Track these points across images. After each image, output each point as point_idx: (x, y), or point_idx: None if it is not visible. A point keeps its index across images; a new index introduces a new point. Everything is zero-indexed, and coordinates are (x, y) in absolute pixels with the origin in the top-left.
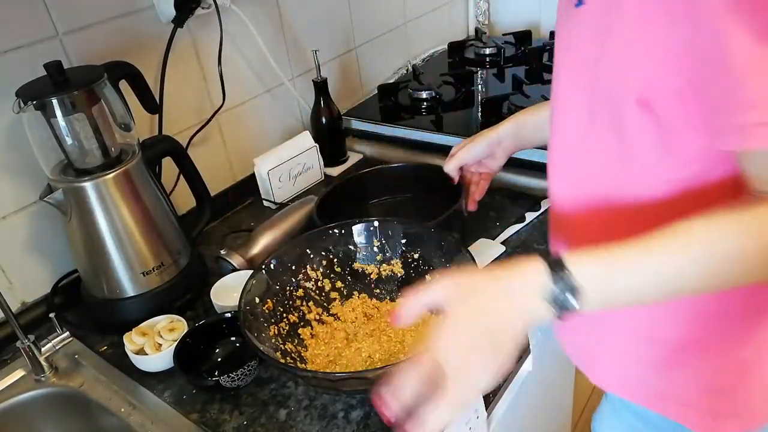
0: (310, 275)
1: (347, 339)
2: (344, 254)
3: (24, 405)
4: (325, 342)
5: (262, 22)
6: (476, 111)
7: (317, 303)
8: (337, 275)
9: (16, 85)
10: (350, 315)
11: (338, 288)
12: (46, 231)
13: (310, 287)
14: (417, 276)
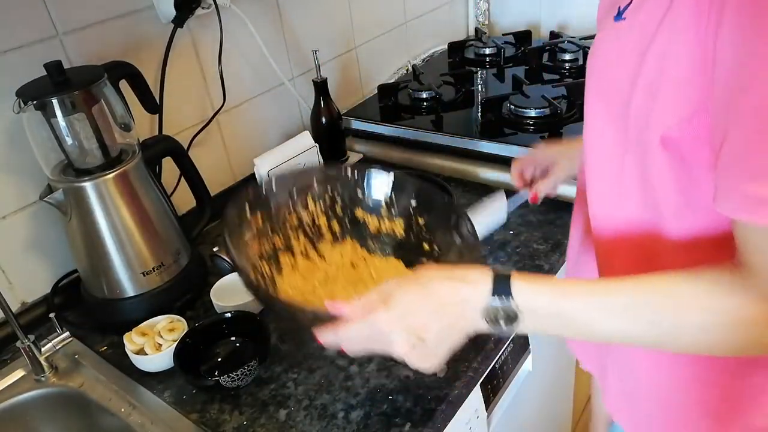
0: (309, 206)
1: (326, 280)
2: (350, 198)
3: (24, 405)
4: (303, 277)
5: (262, 22)
6: (476, 111)
7: (307, 236)
8: (336, 216)
9: (16, 85)
10: (337, 259)
11: (333, 230)
12: (46, 231)
13: (306, 219)
14: (416, 241)
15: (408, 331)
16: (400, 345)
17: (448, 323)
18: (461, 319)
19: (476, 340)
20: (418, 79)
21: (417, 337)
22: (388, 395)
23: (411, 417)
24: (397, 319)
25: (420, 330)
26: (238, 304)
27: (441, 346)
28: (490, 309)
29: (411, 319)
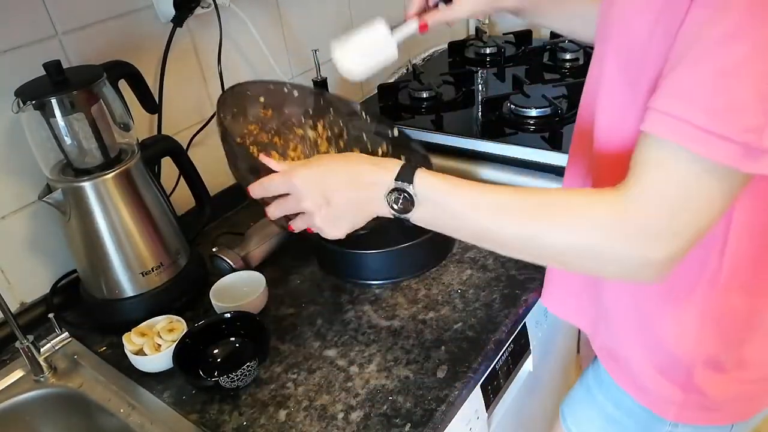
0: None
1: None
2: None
3: (23, 405)
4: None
5: (262, 22)
6: (476, 111)
7: (304, 153)
8: (337, 148)
9: (15, 84)
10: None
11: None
12: (45, 231)
13: (310, 136)
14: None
15: (319, 192)
16: (309, 202)
17: (356, 197)
18: (368, 198)
19: (476, 340)
20: (418, 79)
21: (325, 199)
22: (388, 396)
23: (411, 418)
24: (312, 179)
25: (329, 193)
26: (237, 304)
27: (345, 217)
28: (392, 192)
29: (325, 181)
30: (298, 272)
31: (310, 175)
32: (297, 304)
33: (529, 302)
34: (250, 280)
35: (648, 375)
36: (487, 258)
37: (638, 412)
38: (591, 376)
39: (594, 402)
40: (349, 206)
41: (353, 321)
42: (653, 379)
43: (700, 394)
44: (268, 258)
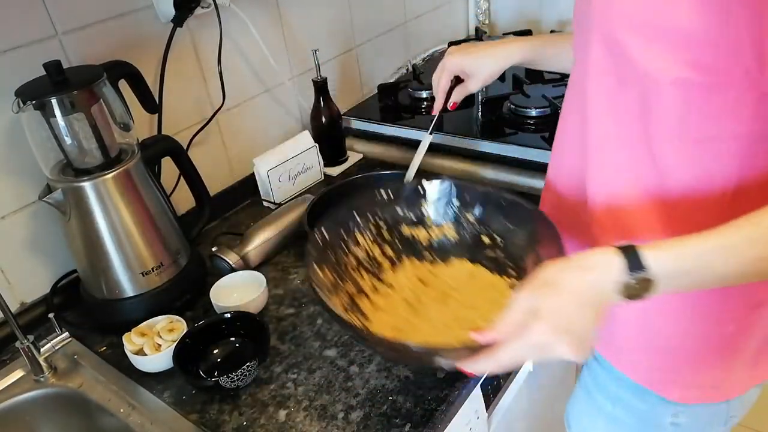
0: (360, 242)
1: (411, 307)
2: (392, 219)
3: (23, 405)
4: (388, 313)
5: (262, 22)
6: (476, 111)
7: (369, 272)
8: (386, 241)
9: (15, 84)
10: (404, 282)
11: (388, 255)
12: (45, 231)
13: (361, 255)
14: (472, 237)
15: (561, 333)
16: (559, 347)
17: (590, 311)
18: (600, 302)
19: None
20: (418, 79)
21: (568, 334)
22: (388, 396)
23: (411, 417)
24: (551, 326)
25: (569, 326)
26: (237, 304)
27: (589, 332)
28: (627, 285)
29: (559, 320)
30: (298, 272)
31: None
32: (297, 304)
33: None
34: (250, 280)
35: (653, 358)
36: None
37: (638, 406)
38: (588, 378)
39: (594, 404)
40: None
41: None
42: (666, 364)
43: (707, 372)
44: (268, 258)
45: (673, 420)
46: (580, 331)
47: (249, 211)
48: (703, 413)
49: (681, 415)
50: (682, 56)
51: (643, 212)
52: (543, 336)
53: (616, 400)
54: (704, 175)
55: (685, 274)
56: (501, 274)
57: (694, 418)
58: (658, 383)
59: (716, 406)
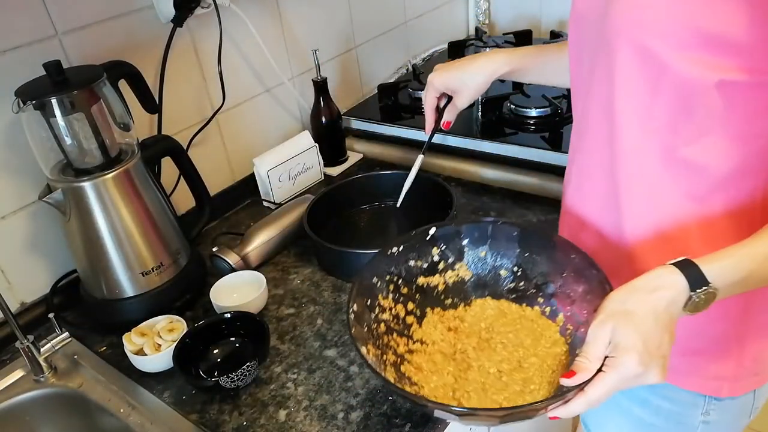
0: (383, 305)
1: (453, 361)
2: (407, 273)
3: (23, 405)
4: (434, 373)
5: (262, 22)
6: (476, 111)
7: (400, 334)
8: (406, 297)
9: (15, 84)
10: (435, 334)
11: (411, 311)
12: (45, 231)
13: (388, 317)
14: (490, 274)
15: (652, 358)
16: (652, 374)
17: (667, 331)
18: (672, 321)
19: None
20: (418, 79)
21: (658, 358)
22: (388, 396)
23: (411, 418)
24: (640, 355)
25: (657, 350)
26: (237, 304)
27: (669, 352)
28: (693, 301)
29: (646, 347)
30: (298, 272)
31: (641, 356)
32: (297, 304)
33: None
34: (250, 280)
35: (699, 360)
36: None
37: (668, 407)
38: None
39: (618, 408)
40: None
41: None
42: (705, 361)
43: (752, 360)
44: (268, 258)
45: (703, 418)
46: (666, 353)
47: (249, 211)
48: (732, 407)
49: (712, 413)
50: (727, 60)
51: (687, 225)
52: (636, 367)
53: (643, 402)
54: (742, 172)
55: (742, 281)
56: (530, 305)
57: (724, 412)
58: (691, 381)
59: (744, 398)
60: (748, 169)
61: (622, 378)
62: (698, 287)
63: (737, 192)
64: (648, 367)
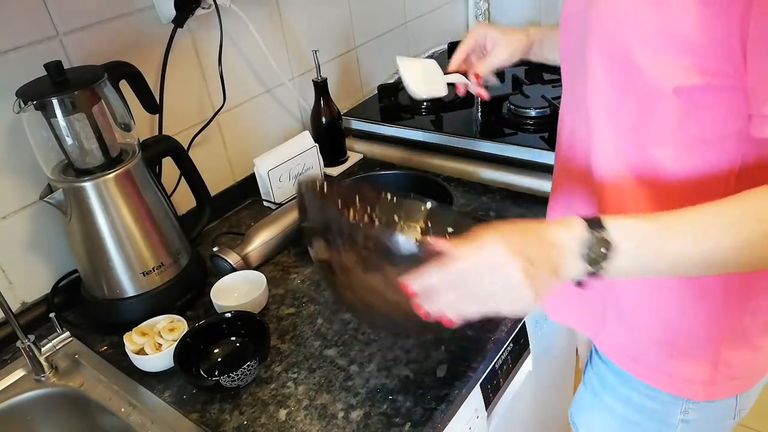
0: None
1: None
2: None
3: (24, 405)
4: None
5: (262, 22)
6: (476, 111)
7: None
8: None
9: (16, 85)
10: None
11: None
12: (46, 231)
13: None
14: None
15: (523, 255)
16: (517, 268)
17: (548, 258)
18: (558, 258)
19: (476, 340)
20: None
21: (529, 261)
22: (388, 395)
23: (411, 417)
24: (511, 244)
25: (532, 256)
26: (238, 304)
27: (547, 281)
28: (587, 243)
29: (522, 246)
30: (298, 272)
31: (506, 243)
32: (297, 304)
33: None
34: (250, 279)
35: (674, 361)
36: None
37: (650, 405)
38: (594, 379)
39: (603, 406)
40: (546, 267)
41: (353, 320)
42: (681, 363)
43: (726, 365)
44: (268, 258)
45: (683, 417)
46: (540, 267)
47: (249, 211)
48: (712, 408)
49: (691, 412)
50: (686, 62)
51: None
52: (500, 256)
53: (627, 401)
54: (707, 172)
55: (646, 245)
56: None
57: (704, 413)
58: (668, 382)
59: (726, 400)
60: (712, 175)
61: (483, 263)
62: (594, 228)
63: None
64: (513, 263)
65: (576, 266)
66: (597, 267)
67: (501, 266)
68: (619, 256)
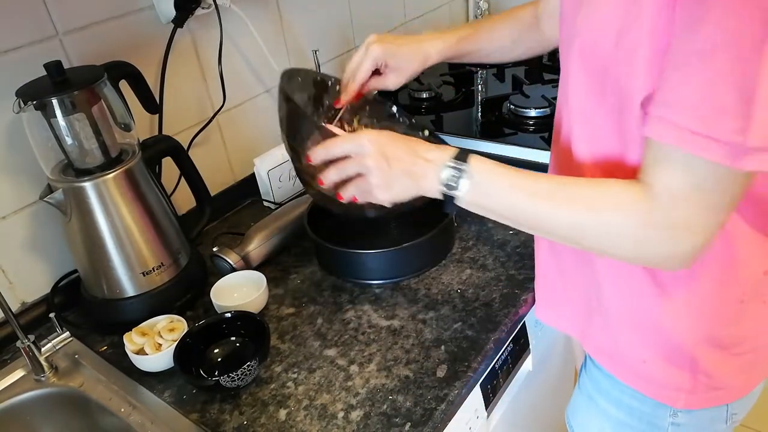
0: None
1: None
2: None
3: (24, 405)
4: None
5: (262, 22)
6: (476, 111)
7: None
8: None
9: (16, 85)
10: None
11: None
12: (46, 231)
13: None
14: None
15: (382, 153)
16: (372, 160)
17: (412, 168)
18: (423, 171)
19: (476, 340)
20: (418, 79)
21: (387, 161)
22: (388, 395)
23: (411, 417)
24: (379, 140)
25: (391, 157)
26: (238, 304)
27: (398, 183)
28: (447, 169)
29: (389, 145)
30: (298, 272)
31: (378, 136)
32: (297, 304)
33: (529, 302)
34: (250, 279)
35: (654, 367)
36: (487, 258)
37: (639, 407)
38: (588, 383)
39: (597, 408)
40: (404, 174)
41: (353, 320)
42: (660, 370)
43: (706, 375)
44: (268, 258)
45: (672, 420)
46: (395, 171)
47: (249, 211)
48: (702, 413)
49: (680, 415)
50: (654, 73)
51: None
52: (368, 141)
53: (618, 403)
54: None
55: (494, 187)
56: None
57: (694, 417)
58: (648, 387)
59: (716, 408)
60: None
61: (352, 143)
62: (458, 159)
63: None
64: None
65: (433, 182)
66: (450, 189)
67: (360, 156)
68: (469, 189)
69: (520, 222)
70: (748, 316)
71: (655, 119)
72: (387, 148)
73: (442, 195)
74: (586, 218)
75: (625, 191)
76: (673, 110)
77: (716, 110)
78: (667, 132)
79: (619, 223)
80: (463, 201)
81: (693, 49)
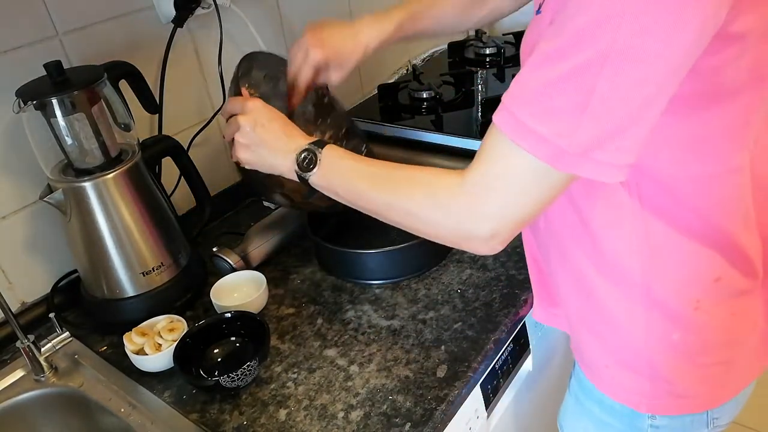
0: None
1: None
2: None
3: (24, 405)
4: None
5: (262, 22)
6: (476, 111)
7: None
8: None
9: (16, 85)
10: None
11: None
12: (46, 231)
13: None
14: None
15: (256, 118)
16: (246, 120)
17: (275, 142)
18: (284, 149)
19: (476, 340)
20: (418, 79)
21: (256, 125)
22: (388, 395)
23: (411, 417)
24: (259, 108)
25: (261, 124)
26: (238, 304)
27: (258, 149)
28: (303, 152)
29: (266, 115)
30: (298, 272)
31: (260, 104)
32: (297, 304)
33: (529, 302)
34: (250, 279)
35: (615, 371)
36: (487, 258)
37: (618, 409)
38: (575, 384)
39: (584, 409)
40: (264, 143)
41: (353, 321)
42: (620, 374)
43: (666, 382)
44: (268, 258)
45: (651, 422)
46: (259, 136)
47: (249, 211)
48: (681, 418)
49: (658, 418)
50: None
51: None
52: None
53: (600, 403)
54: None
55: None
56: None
57: (672, 420)
58: (611, 389)
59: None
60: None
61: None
62: (316, 145)
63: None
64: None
65: (290, 161)
66: (302, 170)
67: (240, 115)
68: (316, 171)
69: (353, 202)
70: (712, 326)
71: (501, 106)
72: (262, 116)
73: (297, 176)
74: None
75: (446, 173)
76: (515, 101)
77: (549, 110)
78: (502, 118)
79: (423, 200)
80: (315, 184)
81: (547, 50)
